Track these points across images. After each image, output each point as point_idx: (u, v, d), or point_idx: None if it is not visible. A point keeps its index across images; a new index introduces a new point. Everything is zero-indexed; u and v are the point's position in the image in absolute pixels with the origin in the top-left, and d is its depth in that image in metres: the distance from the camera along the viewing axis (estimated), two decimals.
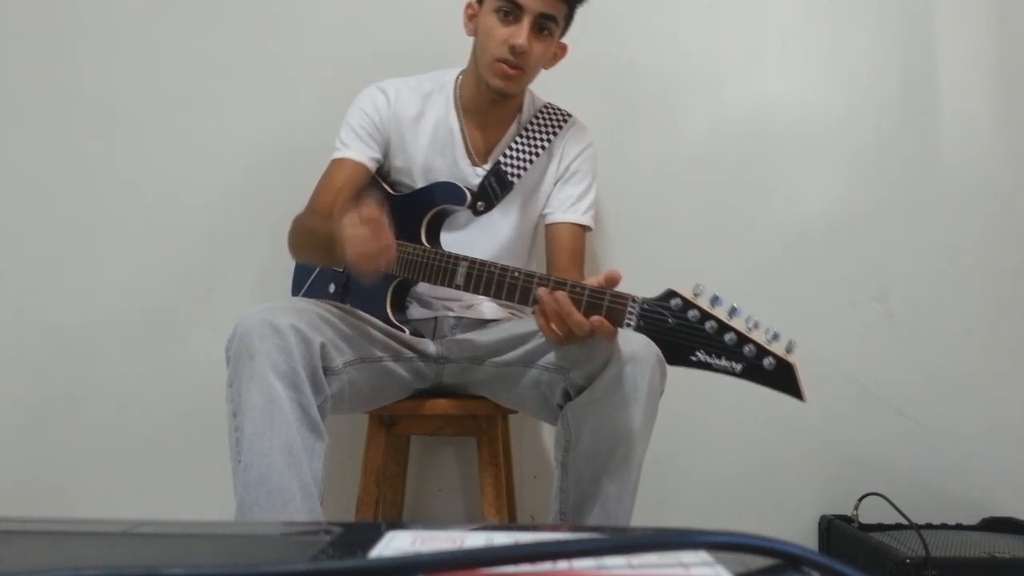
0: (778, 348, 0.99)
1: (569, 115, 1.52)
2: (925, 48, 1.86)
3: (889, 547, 1.44)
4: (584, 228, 1.49)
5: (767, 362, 0.98)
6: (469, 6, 1.40)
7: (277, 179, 1.79)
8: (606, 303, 1.08)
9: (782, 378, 0.98)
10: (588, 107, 1.79)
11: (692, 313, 1.02)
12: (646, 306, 1.05)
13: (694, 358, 1.02)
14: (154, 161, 1.85)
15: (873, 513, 1.63)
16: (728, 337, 1.00)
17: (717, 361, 1.00)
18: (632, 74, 1.85)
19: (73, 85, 1.85)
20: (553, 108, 1.52)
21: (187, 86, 1.85)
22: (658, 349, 1.12)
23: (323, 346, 1.13)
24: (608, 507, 1.17)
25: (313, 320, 1.14)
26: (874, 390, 1.79)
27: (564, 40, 1.44)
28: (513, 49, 1.30)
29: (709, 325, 1.01)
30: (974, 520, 1.70)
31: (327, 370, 1.15)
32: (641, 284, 1.80)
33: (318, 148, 1.49)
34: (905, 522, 1.54)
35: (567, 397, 1.22)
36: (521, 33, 1.29)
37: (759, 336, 1.00)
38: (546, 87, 1.53)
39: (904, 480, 1.74)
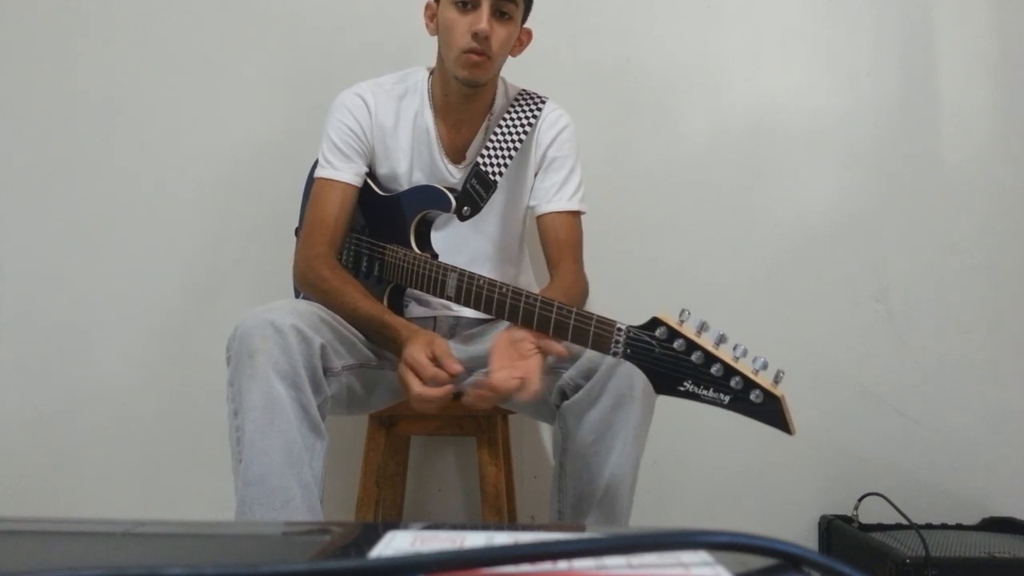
0: (765, 379, 0.97)
1: (543, 100, 1.46)
2: (925, 48, 1.86)
3: (889, 547, 1.44)
4: (574, 213, 1.45)
5: (754, 395, 0.96)
6: (428, 6, 1.39)
7: (277, 180, 1.79)
8: (592, 329, 1.07)
9: (769, 411, 0.96)
10: (588, 107, 1.80)
11: (678, 343, 1.00)
12: (632, 334, 1.04)
13: (682, 388, 1.00)
14: (154, 161, 1.85)
15: (873, 513, 1.63)
16: (715, 368, 0.98)
17: (705, 392, 0.99)
18: (632, 73, 1.85)
19: (73, 85, 1.85)
20: (527, 95, 1.46)
21: (187, 86, 1.85)
22: None
23: (323, 347, 1.13)
24: (606, 506, 1.17)
25: (313, 321, 1.15)
26: (874, 390, 1.79)
27: (529, 26, 1.41)
28: (476, 36, 1.28)
29: (696, 355, 0.99)
30: (974, 520, 1.70)
31: (327, 371, 1.15)
32: (641, 285, 1.82)
33: (318, 149, 1.49)
34: (905, 522, 1.54)
35: (563, 397, 1.22)
36: (482, 19, 1.28)
37: (745, 367, 0.97)
38: (547, 86, 1.53)
39: (904, 480, 1.74)
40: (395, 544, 0.42)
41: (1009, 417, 1.79)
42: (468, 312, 1.46)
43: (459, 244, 1.43)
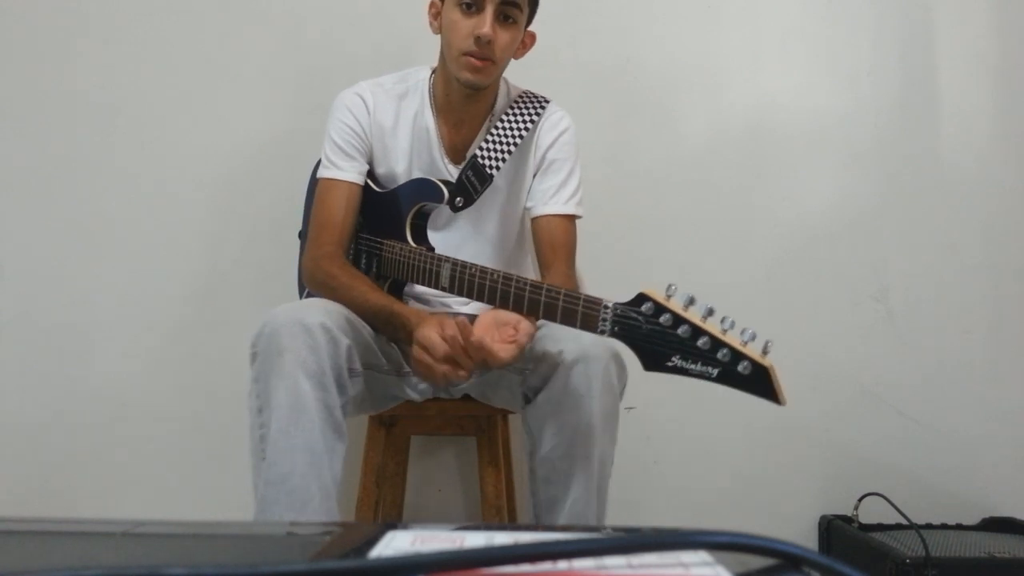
0: (753, 351, 0.94)
1: (546, 101, 1.46)
2: (925, 48, 1.86)
3: (889, 547, 1.44)
4: (570, 217, 1.44)
5: (742, 366, 0.93)
6: (432, 4, 1.38)
7: (277, 180, 1.79)
8: (580, 309, 1.06)
9: (758, 382, 0.93)
10: (588, 107, 1.80)
11: (664, 317, 0.98)
12: (619, 311, 1.02)
13: (670, 364, 0.98)
14: (154, 161, 1.85)
15: (873, 513, 1.63)
16: (702, 341, 0.95)
17: (693, 366, 0.96)
18: (632, 73, 1.85)
19: (73, 85, 1.85)
20: (530, 96, 1.46)
21: (187, 86, 1.85)
22: (614, 347, 1.12)
23: (349, 348, 1.13)
24: (576, 508, 1.16)
25: (341, 321, 1.14)
26: (874, 390, 1.79)
27: (531, 28, 1.41)
28: (479, 40, 1.28)
29: (682, 329, 0.97)
30: (974, 520, 1.70)
31: (350, 372, 1.15)
32: (641, 285, 1.82)
33: (319, 150, 1.49)
34: (905, 522, 1.54)
35: (527, 400, 1.23)
36: (485, 23, 1.27)
37: (733, 339, 0.95)
38: (547, 86, 1.53)
39: (904, 480, 1.74)
40: (395, 544, 0.42)
41: (1009, 417, 1.79)
42: (467, 310, 1.46)
43: (459, 245, 1.43)
